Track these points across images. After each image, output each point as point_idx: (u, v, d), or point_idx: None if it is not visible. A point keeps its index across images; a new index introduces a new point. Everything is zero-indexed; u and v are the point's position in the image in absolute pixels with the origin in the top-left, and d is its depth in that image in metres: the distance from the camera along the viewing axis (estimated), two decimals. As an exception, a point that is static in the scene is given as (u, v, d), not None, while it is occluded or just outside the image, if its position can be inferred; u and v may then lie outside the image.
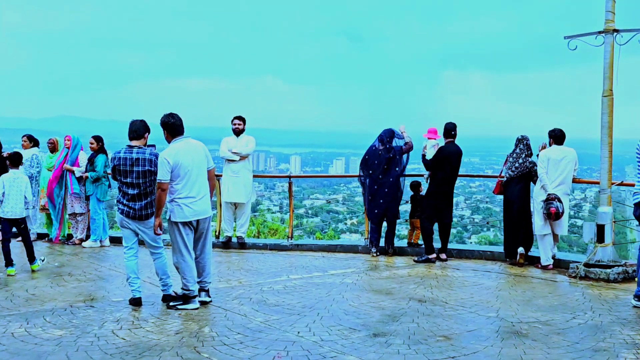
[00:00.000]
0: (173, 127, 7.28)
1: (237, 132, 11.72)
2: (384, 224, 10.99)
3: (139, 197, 7.39)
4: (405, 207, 11.82)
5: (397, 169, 10.75)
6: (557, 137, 9.91)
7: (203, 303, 7.54)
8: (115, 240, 11.64)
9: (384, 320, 6.92)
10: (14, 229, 9.64)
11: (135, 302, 7.50)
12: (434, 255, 10.40)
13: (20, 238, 10.06)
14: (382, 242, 11.06)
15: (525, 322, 6.83)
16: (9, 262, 9.26)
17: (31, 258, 9.53)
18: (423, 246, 11.10)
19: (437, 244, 10.64)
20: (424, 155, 10.69)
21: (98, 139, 11.91)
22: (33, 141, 12.68)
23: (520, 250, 10.00)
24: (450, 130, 10.52)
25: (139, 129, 7.49)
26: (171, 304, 7.42)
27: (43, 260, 9.80)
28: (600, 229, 9.13)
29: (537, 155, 10.12)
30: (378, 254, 10.95)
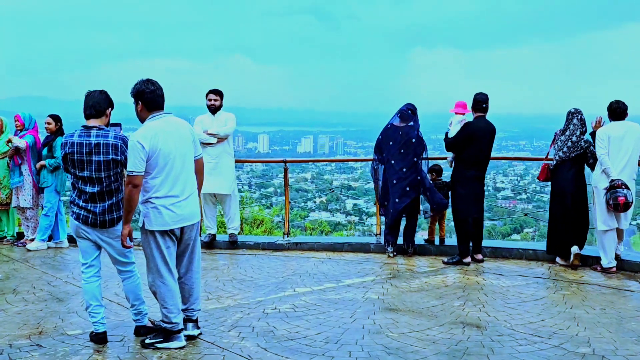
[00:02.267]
0: (152, 98, 5.25)
1: (214, 110, 9.67)
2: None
3: (101, 196, 5.38)
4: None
5: (419, 151, 8.82)
6: (614, 111, 8.07)
7: (190, 338, 5.57)
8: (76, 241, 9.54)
9: (444, 363, 5.04)
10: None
11: (99, 339, 5.51)
12: (469, 260, 8.51)
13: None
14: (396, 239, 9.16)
15: (639, 363, 5.00)
16: None
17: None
18: (446, 242, 9.29)
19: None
20: (446, 134, 8.74)
21: (56, 118, 9.79)
22: None
23: (575, 249, 8.16)
24: (481, 102, 8.58)
25: (98, 103, 5.45)
26: (147, 341, 5.44)
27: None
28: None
29: (591, 134, 8.29)
30: (395, 254, 9.05)
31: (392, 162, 8.78)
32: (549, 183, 8.49)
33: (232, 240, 9.75)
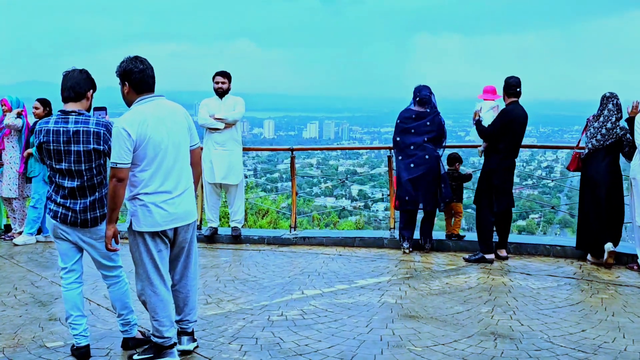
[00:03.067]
0: (140, 78, 4.54)
1: (221, 93, 8.96)
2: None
3: (81, 192, 4.68)
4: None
5: (434, 136, 8.11)
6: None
7: (185, 353, 4.90)
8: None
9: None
10: None
11: (80, 354, 4.83)
12: (493, 257, 7.80)
13: None
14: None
15: None
16: None
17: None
18: (466, 237, 8.58)
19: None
20: (479, 122, 7.93)
21: (45, 102, 9.09)
22: None
23: (609, 246, 7.42)
24: (514, 86, 7.77)
25: (78, 84, 4.74)
26: (136, 357, 4.76)
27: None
28: None
29: (627, 120, 7.56)
30: (411, 250, 8.35)
31: (415, 150, 8.07)
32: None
33: (236, 235, 9.06)
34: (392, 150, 8.38)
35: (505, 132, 7.63)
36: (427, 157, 8.02)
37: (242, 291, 6.67)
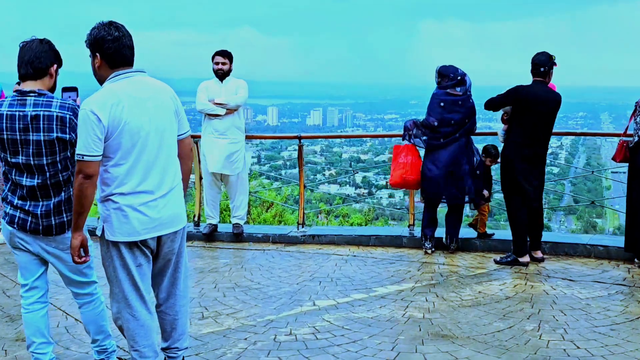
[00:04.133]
0: (115, 48, 3.63)
1: (221, 75, 8.02)
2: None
3: (44, 191, 3.78)
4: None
5: (468, 124, 7.21)
6: None
7: (174, 387, 4.00)
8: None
9: None
10: None
11: (45, 391, 3.94)
12: (528, 259, 6.88)
13: None
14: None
15: None
16: None
17: None
18: (495, 235, 7.68)
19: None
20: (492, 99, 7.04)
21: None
22: None
23: (663, 248, 6.52)
24: (539, 65, 6.85)
25: (37, 58, 3.81)
26: (113, 394, 3.87)
27: None
28: None
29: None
30: (433, 250, 7.44)
31: (445, 139, 7.16)
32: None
33: (237, 232, 8.14)
34: (413, 138, 7.40)
35: (519, 114, 6.71)
36: (459, 145, 7.12)
37: (244, 302, 5.77)
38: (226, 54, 8.04)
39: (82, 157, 3.46)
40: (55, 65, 3.84)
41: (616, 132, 6.61)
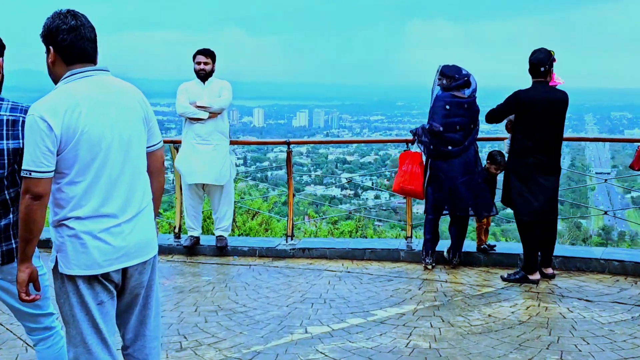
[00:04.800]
0: (72, 40, 3.00)
1: (204, 76, 7.42)
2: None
3: (-15, 213, 3.16)
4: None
5: (474, 131, 6.66)
6: None
7: None
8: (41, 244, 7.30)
9: None
10: None
11: None
12: (538, 277, 6.31)
13: None
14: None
15: None
16: None
17: None
18: (496, 248, 7.12)
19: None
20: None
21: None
22: None
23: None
24: (539, 65, 6.27)
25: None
26: None
27: None
28: None
29: None
30: (434, 265, 6.87)
31: (452, 145, 6.60)
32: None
33: (221, 245, 7.53)
34: (417, 145, 6.80)
35: (521, 120, 6.16)
36: (469, 154, 6.57)
37: (228, 329, 5.16)
38: (209, 53, 7.44)
39: (30, 174, 2.84)
40: (-2, 58, 3.22)
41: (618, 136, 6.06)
